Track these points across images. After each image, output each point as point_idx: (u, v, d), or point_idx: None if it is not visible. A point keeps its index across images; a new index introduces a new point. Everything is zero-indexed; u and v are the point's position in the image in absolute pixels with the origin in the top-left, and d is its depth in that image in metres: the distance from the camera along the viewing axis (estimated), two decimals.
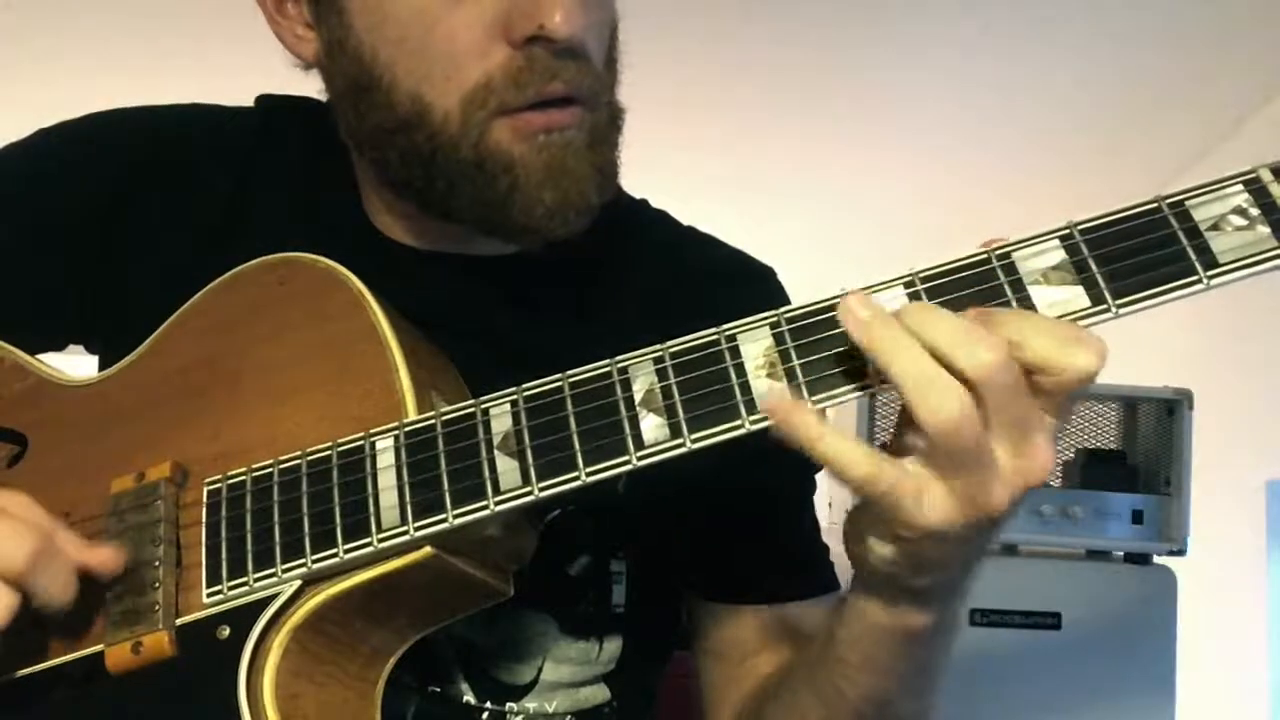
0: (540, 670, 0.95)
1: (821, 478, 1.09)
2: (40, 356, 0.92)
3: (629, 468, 0.69)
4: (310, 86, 0.98)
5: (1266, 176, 0.66)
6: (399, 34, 0.84)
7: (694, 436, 0.69)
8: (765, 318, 0.70)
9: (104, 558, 0.76)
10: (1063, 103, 3.67)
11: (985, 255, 0.68)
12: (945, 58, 3.47)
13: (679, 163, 3.61)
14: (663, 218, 1.08)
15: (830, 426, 0.66)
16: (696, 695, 1.04)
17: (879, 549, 0.70)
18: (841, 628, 0.80)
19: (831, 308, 0.68)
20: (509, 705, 0.94)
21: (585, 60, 0.85)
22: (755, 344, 0.69)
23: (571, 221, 0.86)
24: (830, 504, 2.22)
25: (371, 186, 0.96)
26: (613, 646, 0.97)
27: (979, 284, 0.67)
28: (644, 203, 1.07)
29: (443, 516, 0.72)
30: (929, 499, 0.66)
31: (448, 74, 0.83)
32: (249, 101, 1.05)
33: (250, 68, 0.98)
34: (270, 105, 1.04)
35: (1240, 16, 3.14)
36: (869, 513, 0.69)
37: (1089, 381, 0.65)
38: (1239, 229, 0.65)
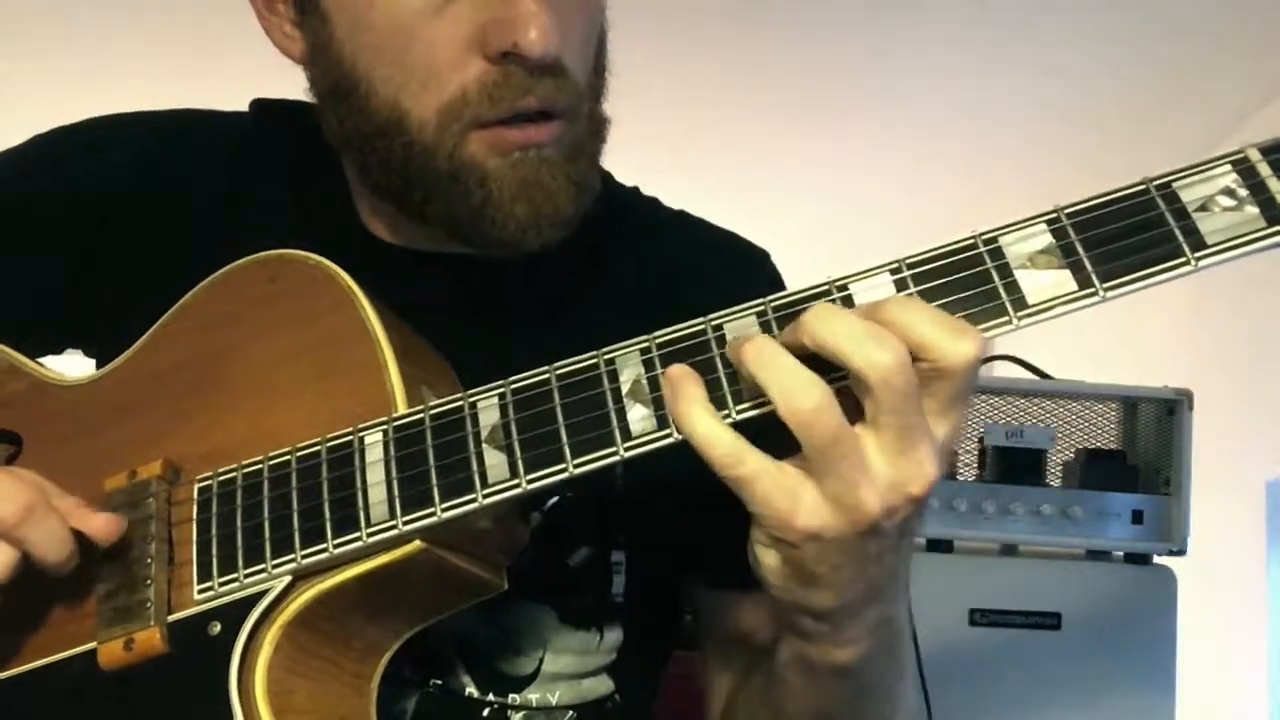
0: (541, 661, 0.95)
1: None
2: (38, 359, 0.92)
3: (616, 459, 0.69)
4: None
5: (1255, 156, 0.66)
6: (378, 43, 0.85)
7: None
8: (751, 307, 0.69)
9: (99, 524, 0.76)
10: (1062, 103, 3.67)
11: (971, 241, 0.68)
12: (944, 55, 3.48)
13: (678, 161, 3.61)
14: (653, 203, 1.08)
15: (706, 406, 0.66)
16: (703, 697, 1.03)
17: (764, 557, 0.70)
18: (780, 648, 0.79)
19: (817, 296, 0.68)
20: (511, 697, 0.94)
21: (562, 76, 0.85)
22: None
23: (545, 234, 0.86)
24: None
25: (358, 188, 0.97)
26: (613, 637, 0.97)
27: (965, 269, 0.67)
28: (635, 190, 1.08)
29: (431, 510, 0.72)
30: (802, 498, 0.65)
31: (425, 84, 0.84)
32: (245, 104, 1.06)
33: (252, 69, 0.99)
34: (263, 109, 1.05)
35: (1241, 16, 3.14)
36: (753, 518, 0.69)
37: (970, 370, 0.64)
38: (1227, 209, 0.65)
